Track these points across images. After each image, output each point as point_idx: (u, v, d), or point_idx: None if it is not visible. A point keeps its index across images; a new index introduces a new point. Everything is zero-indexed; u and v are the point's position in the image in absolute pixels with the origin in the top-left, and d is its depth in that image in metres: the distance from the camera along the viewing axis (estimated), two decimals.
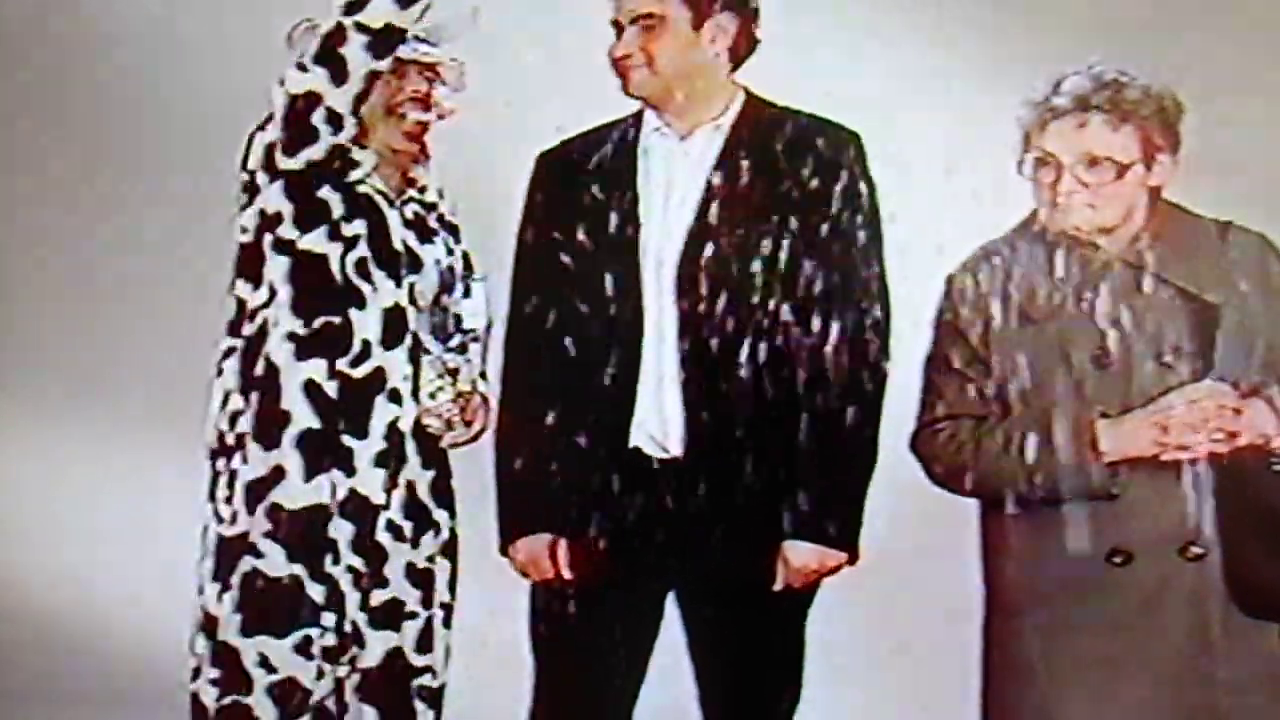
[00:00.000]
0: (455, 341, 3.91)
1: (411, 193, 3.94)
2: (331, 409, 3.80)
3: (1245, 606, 3.48)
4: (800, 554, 3.67)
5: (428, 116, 3.89)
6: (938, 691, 3.94)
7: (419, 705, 3.92)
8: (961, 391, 3.59)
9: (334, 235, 3.83)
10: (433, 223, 3.95)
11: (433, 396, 3.84)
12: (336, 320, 3.81)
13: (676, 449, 3.67)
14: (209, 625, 3.85)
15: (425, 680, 3.92)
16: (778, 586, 3.68)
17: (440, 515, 3.91)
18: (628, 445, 3.67)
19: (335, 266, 3.82)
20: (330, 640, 3.83)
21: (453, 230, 4.01)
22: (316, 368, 3.81)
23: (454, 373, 3.86)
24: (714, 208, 3.67)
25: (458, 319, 3.91)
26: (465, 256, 4.02)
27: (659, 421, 3.67)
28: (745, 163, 3.69)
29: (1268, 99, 4.38)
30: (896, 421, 3.67)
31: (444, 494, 3.93)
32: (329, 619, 3.82)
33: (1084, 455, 3.46)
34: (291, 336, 3.81)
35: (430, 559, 3.90)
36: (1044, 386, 3.53)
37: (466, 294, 3.97)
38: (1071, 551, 3.46)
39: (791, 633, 3.75)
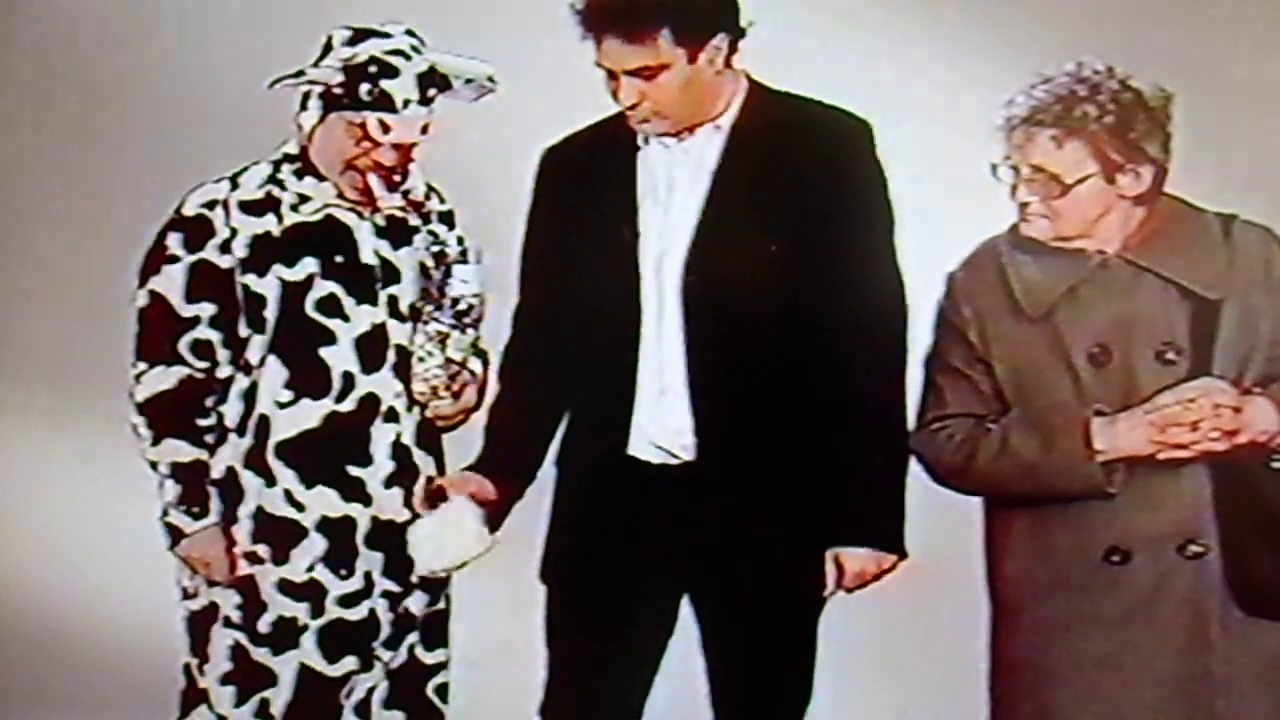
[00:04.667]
0: (447, 312, 3.84)
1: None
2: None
3: (1245, 605, 3.47)
4: (857, 559, 3.65)
5: (387, 158, 3.82)
6: (944, 691, 3.94)
7: (440, 704, 3.93)
8: (961, 390, 3.58)
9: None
10: (414, 220, 3.89)
11: (421, 361, 3.82)
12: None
13: (686, 454, 3.65)
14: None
15: (442, 678, 3.93)
16: (828, 592, 3.66)
17: None
18: (625, 451, 3.65)
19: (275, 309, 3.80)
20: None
21: (444, 218, 3.95)
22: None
23: (443, 339, 3.81)
24: (718, 211, 3.63)
25: (454, 299, 3.85)
26: (460, 240, 3.94)
27: (662, 428, 3.65)
28: (748, 162, 3.64)
29: (1270, 94, 4.36)
30: None
31: None
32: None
33: (1079, 454, 3.45)
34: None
35: None
36: (1043, 385, 3.52)
37: (448, 274, 3.91)
38: None
39: (804, 635, 3.73)
